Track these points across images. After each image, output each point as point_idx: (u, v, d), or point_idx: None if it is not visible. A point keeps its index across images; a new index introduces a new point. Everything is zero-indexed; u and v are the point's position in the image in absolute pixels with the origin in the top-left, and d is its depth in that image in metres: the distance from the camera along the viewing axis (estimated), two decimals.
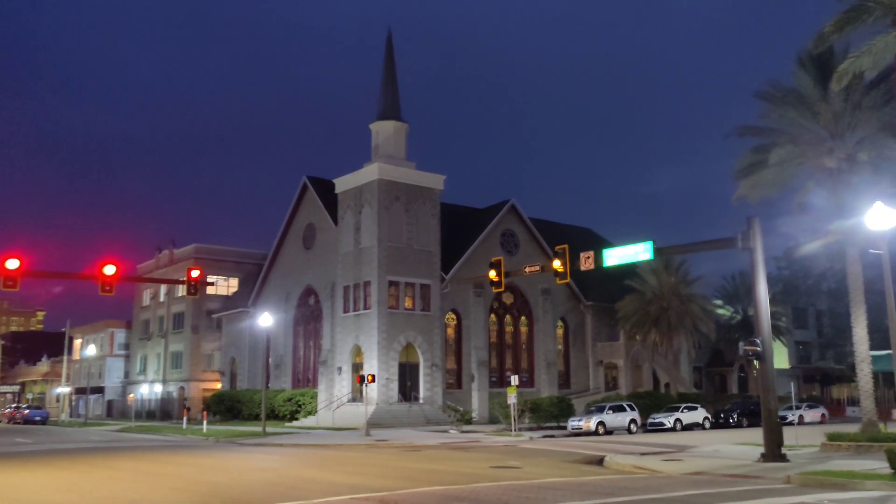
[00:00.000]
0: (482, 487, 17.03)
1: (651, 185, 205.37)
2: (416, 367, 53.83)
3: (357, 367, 53.71)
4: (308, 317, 62.02)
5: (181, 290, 74.14)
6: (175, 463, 25.74)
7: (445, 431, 43.58)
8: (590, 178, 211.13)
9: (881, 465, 18.57)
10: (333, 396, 54.40)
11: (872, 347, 29.33)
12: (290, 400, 55.84)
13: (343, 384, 54.49)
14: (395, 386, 52.10)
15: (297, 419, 54.26)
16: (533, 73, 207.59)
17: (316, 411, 54.26)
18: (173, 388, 78.62)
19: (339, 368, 55.05)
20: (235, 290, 76.56)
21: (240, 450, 32.92)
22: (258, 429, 43.81)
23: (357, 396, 52.18)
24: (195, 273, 29.44)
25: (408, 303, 54.00)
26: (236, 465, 24.46)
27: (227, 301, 75.16)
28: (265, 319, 46.75)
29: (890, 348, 21.68)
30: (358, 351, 54.09)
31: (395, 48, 59.83)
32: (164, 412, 75.63)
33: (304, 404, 55.17)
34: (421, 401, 53.00)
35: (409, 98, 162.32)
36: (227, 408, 61.53)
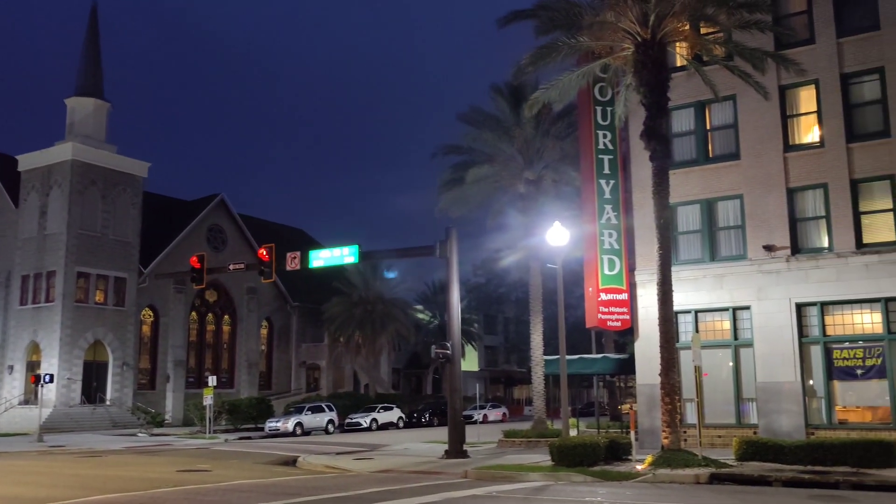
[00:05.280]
0: (164, 493, 16.16)
1: (380, 197, 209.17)
2: (104, 366, 49.90)
3: (34, 366, 48.45)
4: None
5: None
6: None
7: (134, 435, 40.97)
8: (313, 181, 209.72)
9: (545, 458, 20.63)
10: (2, 399, 48.55)
11: (549, 353, 32.51)
12: None
13: (15, 385, 48.87)
14: (78, 387, 47.82)
15: None
16: (260, 69, 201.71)
17: None
18: None
19: (11, 367, 49.31)
20: None
21: None
22: None
23: (31, 398, 47.02)
24: None
25: (99, 297, 49.90)
26: None
27: None
28: None
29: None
30: (36, 348, 48.84)
31: (103, 20, 55.23)
32: None
33: None
34: (108, 402, 49.21)
35: (115, 77, 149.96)
36: None
